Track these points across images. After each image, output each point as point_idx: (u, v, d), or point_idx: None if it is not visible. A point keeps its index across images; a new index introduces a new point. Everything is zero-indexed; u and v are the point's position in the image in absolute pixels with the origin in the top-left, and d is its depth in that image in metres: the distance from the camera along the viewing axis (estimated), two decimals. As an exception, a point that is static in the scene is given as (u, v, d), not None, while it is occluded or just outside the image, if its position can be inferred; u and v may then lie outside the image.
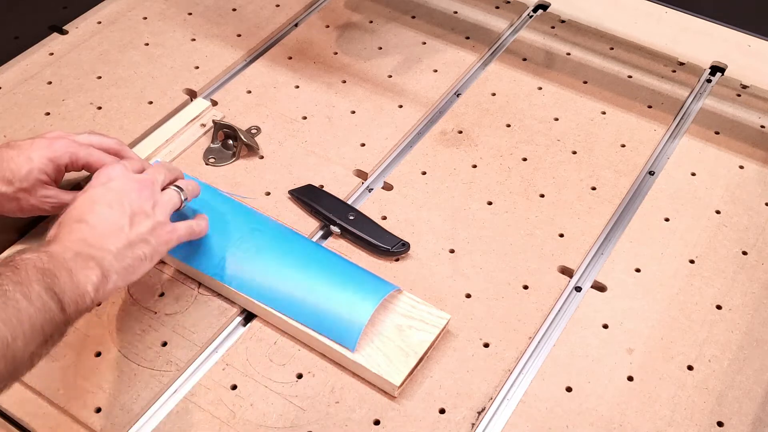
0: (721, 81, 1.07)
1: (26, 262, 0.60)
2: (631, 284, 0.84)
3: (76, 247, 0.65)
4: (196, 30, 1.11)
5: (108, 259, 0.66)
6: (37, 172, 0.77)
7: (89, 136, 0.82)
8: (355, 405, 0.74)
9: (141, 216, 0.70)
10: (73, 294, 0.62)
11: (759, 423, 0.73)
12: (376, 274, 0.81)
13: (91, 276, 0.64)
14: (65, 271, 0.62)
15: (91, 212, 0.68)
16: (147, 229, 0.70)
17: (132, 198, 0.70)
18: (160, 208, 0.72)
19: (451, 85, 1.05)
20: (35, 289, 0.59)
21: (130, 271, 0.68)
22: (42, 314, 0.58)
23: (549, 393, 0.75)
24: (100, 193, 0.70)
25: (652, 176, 0.96)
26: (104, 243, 0.66)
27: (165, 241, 0.71)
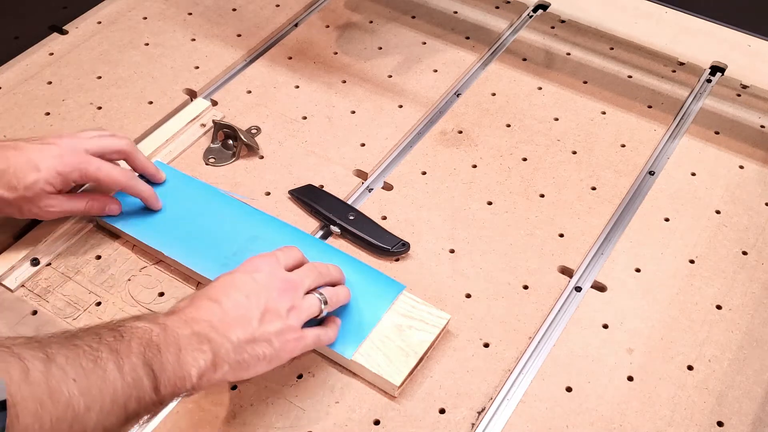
0: (721, 81, 1.07)
1: (133, 332, 0.58)
2: (631, 284, 0.84)
3: (197, 325, 0.62)
4: (196, 30, 1.11)
5: (226, 347, 0.63)
6: (43, 183, 0.75)
7: (99, 140, 0.80)
8: (355, 405, 0.74)
9: (273, 315, 0.66)
10: (172, 375, 0.59)
11: (759, 423, 0.73)
12: (376, 274, 0.81)
13: (200, 360, 0.61)
14: (174, 348, 0.59)
15: (226, 296, 0.65)
16: (275, 330, 0.66)
17: (271, 295, 0.67)
18: (295, 313, 0.68)
19: (451, 85, 1.05)
20: (132, 362, 0.56)
21: (243, 366, 0.64)
22: (130, 390, 0.56)
23: (549, 393, 0.75)
24: (242, 281, 0.67)
25: (652, 176, 0.96)
26: (228, 331, 0.63)
27: (290, 349, 0.67)
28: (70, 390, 0.52)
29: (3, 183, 0.74)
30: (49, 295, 0.81)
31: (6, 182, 0.74)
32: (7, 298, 0.80)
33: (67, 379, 0.52)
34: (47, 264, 0.83)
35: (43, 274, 0.83)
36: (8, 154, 0.75)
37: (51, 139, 0.78)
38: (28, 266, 0.83)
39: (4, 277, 0.81)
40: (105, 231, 0.86)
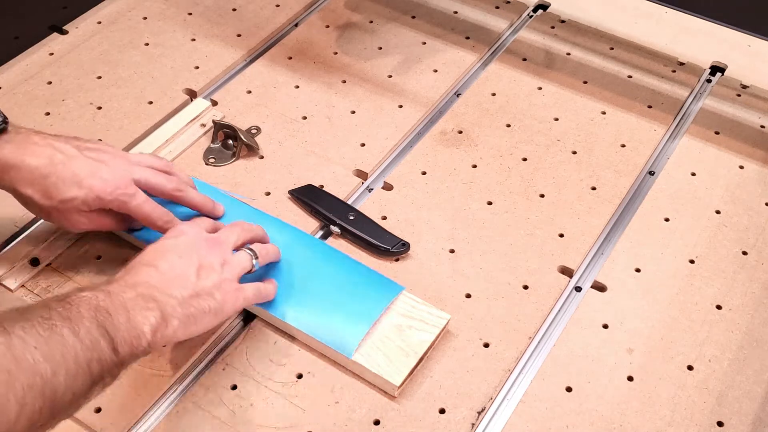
0: (721, 81, 1.07)
1: (80, 299, 0.59)
2: (631, 284, 0.84)
3: (139, 288, 0.63)
4: (196, 30, 1.11)
5: (171, 303, 0.64)
6: (80, 203, 0.74)
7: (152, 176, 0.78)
8: (355, 405, 0.74)
9: (208, 269, 0.68)
10: (127, 334, 0.60)
11: (759, 423, 0.73)
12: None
13: (150, 317, 0.62)
14: (122, 310, 0.61)
15: (162, 259, 0.67)
16: (213, 283, 0.68)
17: (201, 252, 0.69)
18: (228, 267, 0.70)
19: (451, 85, 1.05)
20: (85, 326, 0.57)
21: (192, 321, 0.66)
22: (90, 352, 0.56)
23: (549, 393, 0.75)
24: (171, 244, 0.69)
25: (652, 176, 0.96)
26: (169, 288, 0.65)
27: (231, 300, 0.69)
28: (35, 357, 0.53)
29: (41, 188, 0.73)
30: (49, 295, 0.81)
31: (44, 188, 0.73)
32: (7, 298, 0.80)
33: (28, 347, 0.53)
34: (47, 264, 0.83)
35: (43, 274, 0.83)
36: (56, 159, 0.73)
37: (105, 155, 0.76)
38: (28, 266, 0.83)
39: (4, 277, 0.81)
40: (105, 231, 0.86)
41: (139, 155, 0.81)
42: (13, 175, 0.73)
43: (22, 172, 0.73)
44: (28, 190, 0.73)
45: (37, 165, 0.73)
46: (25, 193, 0.74)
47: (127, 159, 0.78)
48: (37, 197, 0.73)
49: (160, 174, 0.79)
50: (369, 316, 0.76)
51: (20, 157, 0.72)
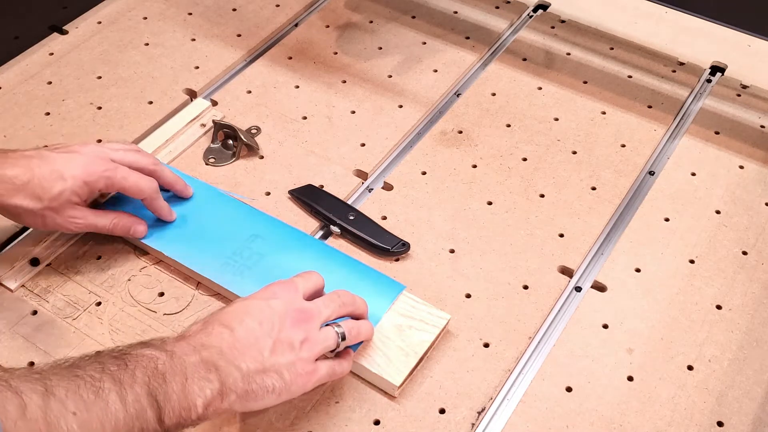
0: (721, 81, 1.07)
1: (138, 360, 0.57)
2: (631, 284, 0.84)
3: (205, 352, 0.61)
4: (196, 30, 1.11)
5: (234, 376, 0.61)
6: (69, 194, 0.74)
7: (125, 153, 0.79)
8: (355, 405, 0.74)
9: (285, 346, 0.64)
10: (177, 405, 0.57)
11: (759, 423, 0.73)
12: (376, 274, 0.81)
13: (206, 389, 0.59)
14: (180, 376, 0.58)
15: (239, 322, 0.63)
16: (286, 362, 0.64)
17: (285, 325, 0.64)
18: (308, 345, 0.65)
19: (451, 85, 1.05)
20: (135, 392, 0.55)
21: (251, 397, 0.62)
22: (133, 421, 0.54)
23: (549, 393, 0.75)
24: (257, 308, 0.65)
25: (652, 176, 0.96)
26: (237, 359, 0.62)
27: (301, 383, 0.65)
28: (69, 425, 0.51)
29: (28, 193, 0.73)
30: (49, 295, 0.81)
31: (31, 192, 0.73)
32: (7, 298, 0.80)
33: (66, 414, 0.51)
34: (47, 264, 0.83)
35: (43, 274, 0.83)
36: (32, 164, 0.73)
37: (75, 147, 0.77)
38: (28, 266, 0.83)
39: (4, 277, 0.81)
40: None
41: (108, 143, 0.81)
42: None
43: (4, 184, 0.72)
44: (14, 199, 0.73)
45: (16, 174, 0.73)
46: (12, 204, 0.73)
47: (97, 144, 0.79)
48: (26, 203, 0.73)
49: (132, 152, 0.80)
50: (371, 316, 0.76)
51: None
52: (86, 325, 0.78)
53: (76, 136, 0.96)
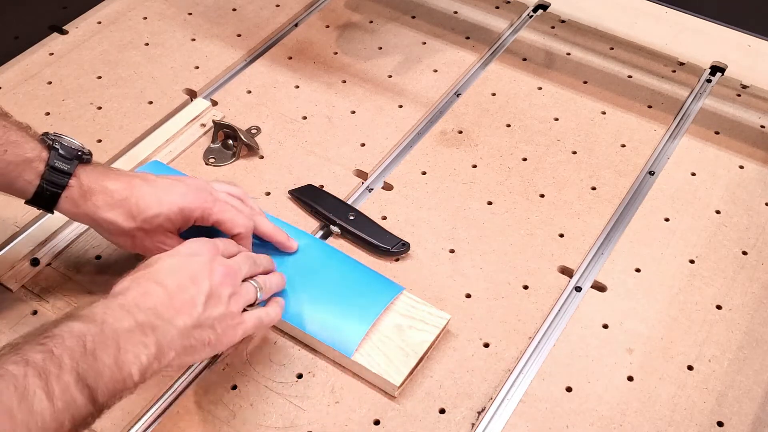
0: (721, 81, 1.07)
1: (65, 341, 0.55)
2: (631, 284, 0.84)
3: (141, 315, 0.61)
4: (196, 30, 1.11)
5: (172, 334, 0.62)
6: (163, 219, 0.73)
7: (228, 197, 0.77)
8: (355, 405, 0.74)
9: (216, 300, 0.66)
10: (111, 379, 0.57)
11: (759, 423, 0.73)
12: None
13: (141, 355, 0.59)
14: (113, 348, 0.58)
15: (172, 278, 0.65)
16: (218, 315, 0.66)
17: (215, 280, 0.66)
18: (235, 300, 0.68)
19: (451, 85, 1.05)
20: (63, 382, 0.54)
21: (189, 352, 0.63)
22: (64, 413, 0.53)
23: (549, 393, 0.75)
24: (185, 263, 0.67)
25: (652, 176, 0.96)
26: (173, 315, 0.63)
27: (231, 334, 0.67)
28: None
29: (124, 211, 0.72)
30: (49, 295, 0.81)
31: (126, 210, 0.72)
32: (7, 298, 0.80)
33: None
34: (47, 264, 0.83)
35: (43, 274, 0.83)
36: (134, 183, 0.73)
37: (183, 178, 0.77)
38: (28, 266, 0.83)
39: (4, 277, 0.81)
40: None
41: (214, 183, 0.79)
42: (95, 200, 0.72)
43: (104, 197, 0.72)
44: (109, 213, 0.72)
45: (117, 188, 0.72)
46: (107, 218, 0.72)
47: (204, 180, 0.77)
48: (120, 220, 0.72)
49: (235, 198, 0.78)
50: (369, 316, 0.76)
51: (101, 183, 0.72)
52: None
53: (76, 136, 0.94)
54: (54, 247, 0.84)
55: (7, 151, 0.70)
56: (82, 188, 0.72)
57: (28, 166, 0.71)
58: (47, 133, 0.73)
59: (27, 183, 0.71)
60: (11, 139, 0.70)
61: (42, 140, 0.72)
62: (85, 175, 0.72)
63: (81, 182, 0.72)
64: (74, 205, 0.72)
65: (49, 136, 0.72)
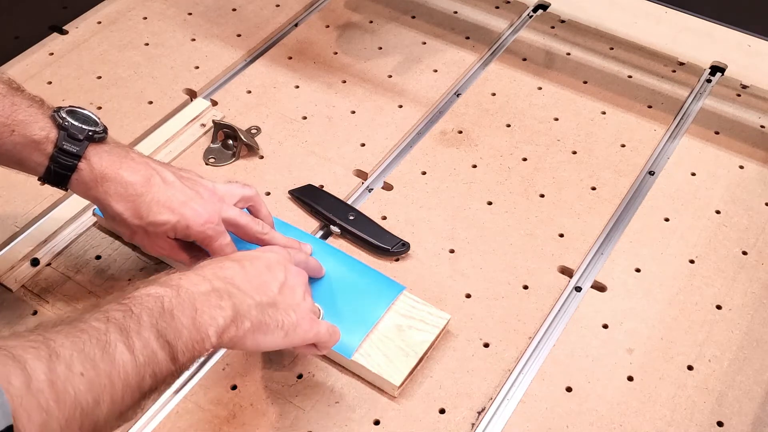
0: (721, 81, 1.07)
1: (144, 300, 0.56)
2: (631, 284, 0.84)
3: (217, 282, 0.60)
4: (196, 30, 1.11)
5: (248, 303, 0.61)
6: (169, 229, 0.72)
7: (239, 216, 0.76)
8: (355, 405, 0.74)
9: (290, 291, 0.66)
10: (189, 339, 0.56)
11: (759, 423, 0.73)
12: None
13: (218, 318, 0.59)
14: (189, 309, 0.57)
15: (249, 263, 0.65)
16: (293, 302, 0.66)
17: (290, 273, 0.67)
18: (308, 298, 0.68)
19: (451, 85, 1.05)
20: (143, 338, 0.54)
21: (264, 328, 0.62)
22: (144, 368, 0.53)
23: (549, 393, 0.75)
24: (261, 256, 0.67)
25: (652, 176, 0.96)
26: (250, 291, 0.62)
27: (305, 327, 0.66)
28: (77, 387, 0.50)
29: (133, 206, 0.71)
30: (49, 295, 0.81)
31: (136, 208, 0.71)
32: (7, 298, 0.80)
33: (72, 376, 0.50)
34: (47, 264, 0.83)
35: (43, 274, 0.83)
36: (153, 180, 0.72)
37: (199, 186, 0.75)
38: (28, 266, 0.83)
39: (4, 277, 0.81)
40: (105, 231, 0.86)
41: (228, 185, 0.78)
42: (107, 188, 0.71)
43: (117, 186, 0.71)
44: (119, 205, 0.71)
45: (133, 181, 0.71)
46: (115, 209, 0.71)
47: (218, 195, 0.76)
48: (127, 215, 0.71)
49: (246, 215, 0.77)
50: (370, 316, 0.76)
51: (117, 170, 0.71)
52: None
53: (76, 136, 0.96)
54: (54, 247, 0.84)
55: (14, 131, 0.68)
56: (93, 172, 0.70)
57: (37, 147, 0.69)
58: (60, 109, 0.71)
59: (36, 164, 0.70)
60: (19, 119, 0.69)
61: (53, 118, 0.70)
62: (97, 157, 0.71)
63: (92, 165, 0.70)
64: (85, 188, 0.71)
65: (61, 114, 0.70)
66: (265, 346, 0.64)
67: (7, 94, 0.70)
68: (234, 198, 0.77)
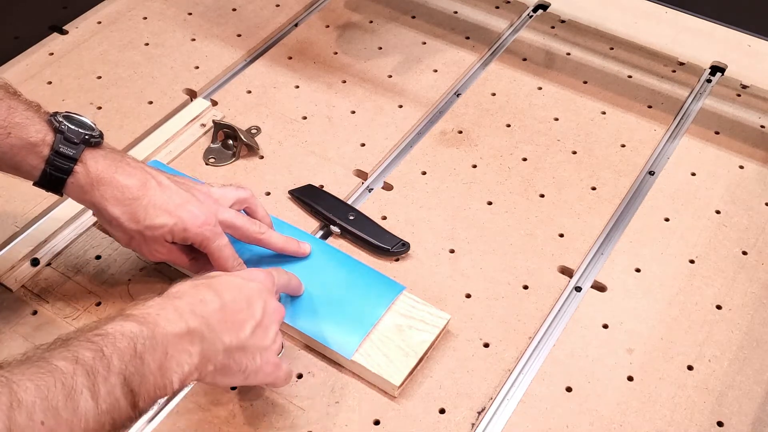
0: (721, 81, 1.07)
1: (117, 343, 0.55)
2: (631, 284, 0.84)
3: (193, 321, 0.60)
4: (196, 30, 1.11)
5: (216, 348, 0.61)
6: (167, 232, 0.72)
7: (235, 217, 0.76)
8: (355, 405, 0.74)
9: (263, 333, 0.65)
10: (152, 386, 0.56)
11: (759, 423, 0.73)
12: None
13: (184, 365, 0.58)
14: (160, 353, 0.57)
15: (230, 293, 0.64)
16: (262, 346, 0.65)
17: (267, 312, 0.66)
18: (278, 340, 0.68)
19: (451, 85, 1.05)
20: (110, 384, 0.53)
21: (225, 372, 0.63)
22: (106, 416, 0.53)
23: (549, 393, 0.75)
24: (245, 285, 0.66)
25: (652, 176, 0.96)
26: (222, 332, 0.62)
27: (266, 372, 0.66)
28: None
29: (130, 210, 0.71)
30: (49, 295, 0.81)
31: (133, 211, 0.71)
32: (7, 298, 0.80)
33: (32, 425, 0.49)
34: (47, 264, 0.83)
35: (43, 274, 0.83)
36: (149, 184, 0.72)
37: (194, 190, 0.75)
38: (28, 266, 0.83)
39: (4, 277, 0.81)
40: (105, 231, 0.86)
41: (222, 188, 0.78)
42: (103, 191, 0.71)
43: (113, 190, 0.71)
44: (115, 209, 0.71)
45: (129, 185, 0.71)
46: (112, 213, 0.71)
47: (213, 197, 0.76)
48: (123, 219, 0.71)
49: (243, 216, 0.77)
50: (370, 316, 0.76)
51: (113, 174, 0.71)
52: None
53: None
54: (54, 247, 0.84)
55: (11, 134, 0.68)
56: (89, 175, 0.70)
57: (33, 150, 0.69)
58: (56, 113, 0.71)
59: (32, 167, 0.70)
60: (15, 121, 0.69)
61: (49, 122, 0.70)
62: (93, 161, 0.71)
63: (88, 169, 0.70)
64: (81, 192, 0.71)
65: (57, 118, 0.70)
66: (222, 384, 0.66)
67: (3, 97, 0.70)
68: (229, 201, 0.77)
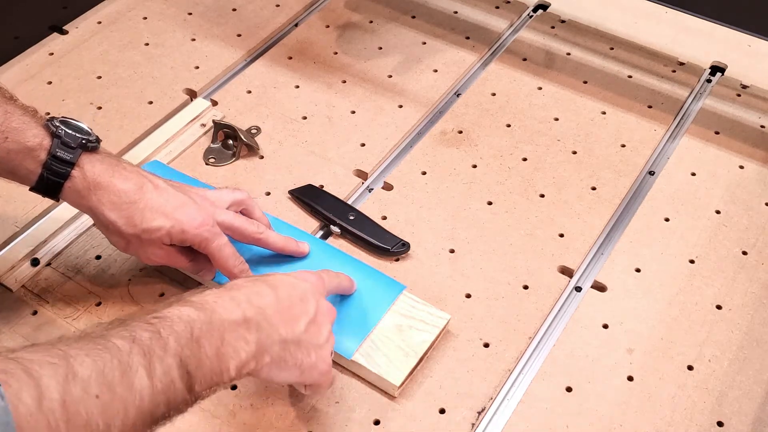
0: (721, 81, 1.07)
1: (174, 326, 0.55)
2: (631, 284, 0.84)
3: (249, 310, 0.60)
4: (196, 30, 1.11)
5: (273, 338, 0.61)
6: (164, 234, 0.72)
7: (234, 218, 0.76)
8: (355, 405, 0.74)
9: (316, 330, 0.64)
10: (209, 371, 0.56)
11: (759, 423, 0.73)
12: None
13: (241, 352, 0.58)
14: (216, 339, 0.57)
15: (284, 289, 0.64)
16: (316, 344, 0.64)
17: (321, 310, 0.65)
18: (331, 340, 0.67)
19: (451, 85, 1.05)
20: (166, 364, 0.53)
21: (281, 365, 0.62)
22: (161, 396, 0.52)
23: (549, 393, 0.75)
24: (298, 283, 0.65)
25: (652, 176, 0.96)
26: (278, 324, 0.61)
27: (320, 371, 0.65)
28: (89, 410, 0.49)
29: (127, 214, 0.71)
30: (49, 295, 0.81)
31: (130, 215, 0.71)
32: (7, 298, 0.80)
33: (87, 399, 0.49)
34: (47, 264, 0.83)
35: (43, 274, 0.83)
36: (145, 187, 0.72)
37: (191, 192, 0.75)
38: (28, 266, 0.83)
39: (4, 277, 0.81)
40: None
41: (218, 191, 0.78)
42: (100, 196, 0.70)
43: (110, 194, 0.70)
44: (112, 214, 0.71)
45: (126, 189, 0.71)
46: (108, 218, 0.71)
47: (210, 200, 0.76)
48: (120, 223, 0.71)
49: (240, 217, 0.77)
50: (370, 316, 0.76)
51: (109, 179, 0.71)
52: (86, 325, 0.78)
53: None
54: (54, 247, 0.84)
55: (7, 138, 0.68)
56: (86, 180, 0.70)
57: (30, 154, 0.69)
58: (53, 118, 0.71)
59: (29, 171, 0.70)
60: (12, 126, 0.69)
61: (46, 126, 0.70)
62: (90, 165, 0.71)
63: (85, 173, 0.70)
64: (78, 196, 0.71)
65: (54, 122, 0.70)
66: (279, 380, 0.64)
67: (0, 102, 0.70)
68: (225, 203, 0.77)
